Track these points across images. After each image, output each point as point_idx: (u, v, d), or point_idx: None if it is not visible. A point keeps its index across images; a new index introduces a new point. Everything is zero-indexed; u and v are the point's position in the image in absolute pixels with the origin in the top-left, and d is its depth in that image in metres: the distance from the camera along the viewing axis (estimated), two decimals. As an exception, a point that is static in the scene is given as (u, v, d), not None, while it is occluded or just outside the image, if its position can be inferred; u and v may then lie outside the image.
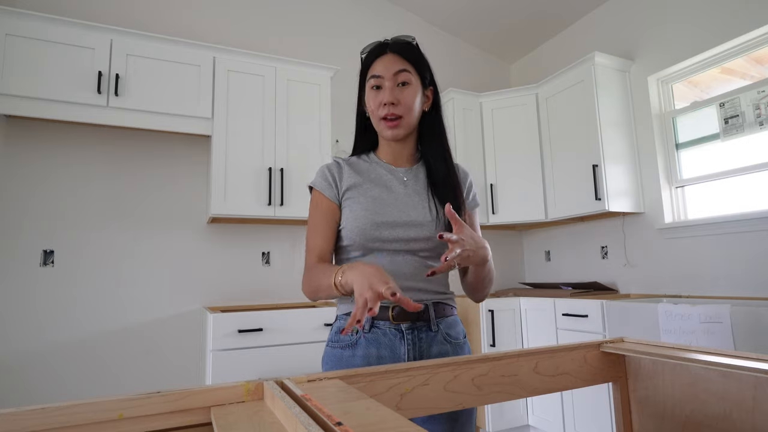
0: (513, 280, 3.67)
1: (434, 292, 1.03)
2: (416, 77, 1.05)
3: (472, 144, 3.28)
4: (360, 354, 0.97)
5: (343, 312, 1.04)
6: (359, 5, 3.48)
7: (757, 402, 0.73)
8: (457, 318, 1.08)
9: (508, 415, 2.73)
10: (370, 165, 1.11)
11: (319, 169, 1.11)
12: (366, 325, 0.97)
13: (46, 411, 0.53)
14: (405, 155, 1.11)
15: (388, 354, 0.96)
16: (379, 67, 1.03)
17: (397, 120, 1.02)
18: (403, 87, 1.03)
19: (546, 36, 3.59)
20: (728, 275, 2.33)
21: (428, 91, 1.09)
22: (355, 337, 0.98)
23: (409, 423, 0.46)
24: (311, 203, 1.08)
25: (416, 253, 1.02)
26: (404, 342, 0.97)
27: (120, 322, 2.53)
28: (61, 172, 2.51)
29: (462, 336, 1.06)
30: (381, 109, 1.02)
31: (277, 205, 2.65)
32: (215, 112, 2.59)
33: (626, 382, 1.01)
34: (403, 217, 1.02)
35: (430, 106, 1.10)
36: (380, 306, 0.96)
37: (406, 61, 1.04)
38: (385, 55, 1.04)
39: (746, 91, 2.37)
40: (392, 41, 1.07)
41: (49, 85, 2.24)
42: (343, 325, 1.01)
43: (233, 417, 0.56)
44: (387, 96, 1.01)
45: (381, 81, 1.03)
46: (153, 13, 2.83)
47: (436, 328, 1.00)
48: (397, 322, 0.97)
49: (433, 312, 1.01)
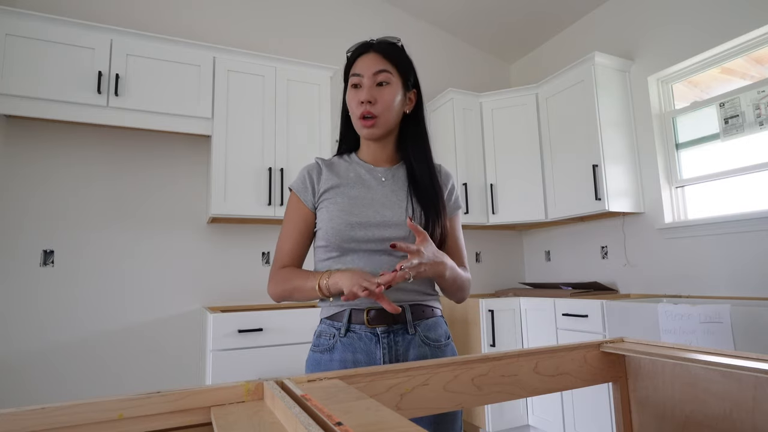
0: (513, 280, 3.67)
1: (415, 292, 1.01)
2: (397, 78, 1.04)
3: (472, 144, 3.28)
4: (337, 358, 0.96)
5: (324, 316, 1.04)
6: (359, 6, 3.48)
7: (757, 402, 0.73)
8: (439, 320, 1.05)
9: (508, 415, 2.73)
10: (350, 165, 1.10)
11: (300, 171, 1.11)
12: (342, 329, 0.97)
13: (46, 411, 0.53)
14: (385, 156, 1.10)
15: (363, 358, 0.95)
16: (360, 66, 1.03)
17: (372, 119, 1.01)
18: (382, 87, 1.02)
19: (546, 36, 3.59)
20: (728, 275, 2.33)
21: (411, 93, 1.09)
22: (332, 341, 0.98)
23: (409, 423, 0.46)
24: (288, 205, 1.09)
25: (393, 254, 1.00)
26: (380, 346, 0.96)
27: (120, 322, 2.53)
28: (60, 172, 2.51)
29: (444, 338, 1.04)
30: (358, 108, 1.02)
31: (277, 205, 2.65)
32: (215, 112, 2.59)
33: (626, 382, 1.01)
34: (377, 218, 1.01)
35: (413, 109, 1.09)
36: (356, 310, 0.98)
37: (387, 61, 1.03)
38: (368, 54, 1.04)
39: (746, 91, 2.37)
40: (377, 41, 1.06)
41: (49, 85, 2.24)
42: (326, 330, 1.01)
43: (233, 417, 0.56)
44: (364, 95, 1.01)
45: (360, 80, 1.02)
46: (153, 13, 2.83)
47: (413, 331, 0.99)
48: (373, 326, 0.96)
49: (410, 314, 0.99)
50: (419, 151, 1.08)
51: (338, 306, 1.00)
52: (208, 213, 2.61)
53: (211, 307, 2.62)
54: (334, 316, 1.00)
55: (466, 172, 3.22)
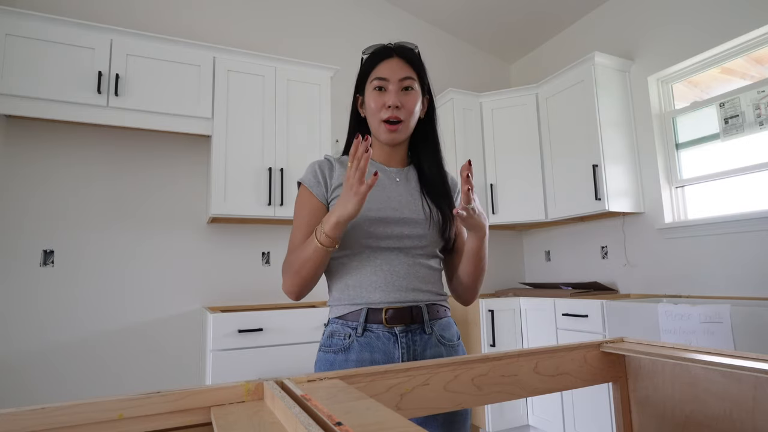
0: (513, 280, 3.67)
1: (429, 292, 1.02)
2: (418, 84, 1.06)
3: (472, 144, 3.28)
4: (353, 359, 0.95)
5: (335, 315, 1.02)
6: (359, 6, 3.48)
7: (757, 402, 0.73)
8: (450, 320, 1.07)
9: (508, 415, 2.73)
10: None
11: (309, 165, 1.08)
12: (359, 328, 0.97)
13: (46, 411, 0.53)
14: (397, 158, 1.11)
15: (381, 358, 0.95)
16: (385, 70, 1.04)
17: (398, 124, 1.03)
18: (407, 92, 1.04)
19: (546, 36, 3.59)
20: (728, 275, 2.33)
21: (425, 99, 1.11)
22: (348, 341, 0.97)
23: (409, 423, 0.46)
24: (298, 200, 1.06)
25: (408, 252, 1.01)
26: (398, 345, 0.96)
27: (120, 322, 2.54)
28: (60, 172, 2.51)
29: (456, 338, 1.05)
30: (384, 112, 1.02)
31: (277, 205, 2.65)
32: (215, 112, 2.59)
33: (626, 382, 1.01)
34: (396, 215, 1.01)
35: (425, 113, 1.12)
36: (373, 309, 0.96)
37: (411, 68, 1.05)
38: (392, 58, 1.05)
39: (746, 91, 2.37)
40: (397, 46, 1.08)
41: (49, 85, 2.24)
42: (337, 329, 0.99)
43: (233, 417, 0.56)
44: (392, 99, 1.02)
45: (386, 83, 1.03)
46: (153, 13, 2.83)
47: (431, 331, 0.99)
48: (391, 326, 0.96)
49: (427, 314, 1.00)
50: (432, 156, 1.11)
51: (352, 305, 0.99)
52: (208, 213, 2.61)
53: (211, 307, 2.62)
54: (347, 316, 0.99)
55: (466, 172, 3.21)
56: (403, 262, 1.00)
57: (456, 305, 3.01)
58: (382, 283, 0.98)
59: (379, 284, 0.97)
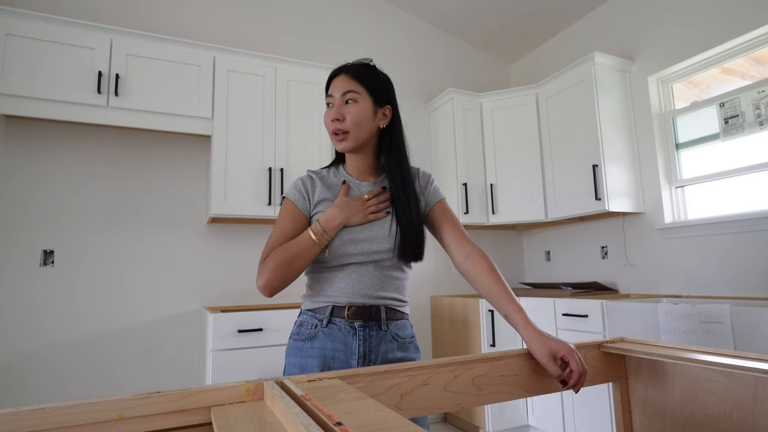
0: (513, 280, 3.67)
1: (390, 299, 1.13)
2: (366, 96, 1.12)
3: (472, 144, 3.28)
4: (317, 346, 1.08)
5: (306, 308, 1.13)
6: (359, 6, 3.48)
7: (757, 402, 0.73)
8: (407, 322, 1.18)
9: (508, 415, 2.73)
10: (338, 179, 1.20)
11: (292, 182, 1.20)
12: (324, 321, 1.09)
13: (46, 411, 0.53)
14: (366, 168, 1.20)
15: (341, 347, 1.07)
16: (332, 88, 1.14)
17: (343, 134, 1.12)
18: (349, 104, 1.12)
19: (546, 36, 3.59)
20: (728, 275, 2.33)
21: (385, 109, 1.16)
22: (314, 331, 1.10)
23: (409, 423, 0.46)
24: (282, 210, 1.16)
25: (378, 264, 1.11)
26: (356, 338, 1.08)
27: (120, 322, 2.53)
28: (60, 172, 2.51)
29: (409, 337, 1.16)
30: (331, 125, 1.13)
31: (277, 205, 2.65)
32: (215, 112, 2.59)
33: (626, 382, 1.01)
34: (366, 233, 1.11)
35: (388, 123, 1.17)
36: (338, 306, 1.10)
37: (356, 81, 1.13)
38: (339, 76, 1.14)
39: (746, 91, 2.37)
40: (348, 64, 1.17)
41: (49, 85, 2.24)
42: (307, 320, 1.11)
43: (233, 417, 0.56)
44: (333, 113, 1.12)
45: (333, 99, 1.13)
46: (153, 13, 2.83)
47: (386, 328, 1.11)
48: (352, 320, 1.08)
49: (384, 314, 1.11)
50: (395, 164, 1.17)
51: (322, 301, 1.11)
52: (208, 213, 2.61)
53: (211, 307, 2.62)
54: (317, 309, 1.12)
55: (466, 173, 3.22)
56: (371, 274, 1.11)
57: (457, 305, 3.01)
58: (350, 289, 1.09)
59: (347, 290, 1.09)
